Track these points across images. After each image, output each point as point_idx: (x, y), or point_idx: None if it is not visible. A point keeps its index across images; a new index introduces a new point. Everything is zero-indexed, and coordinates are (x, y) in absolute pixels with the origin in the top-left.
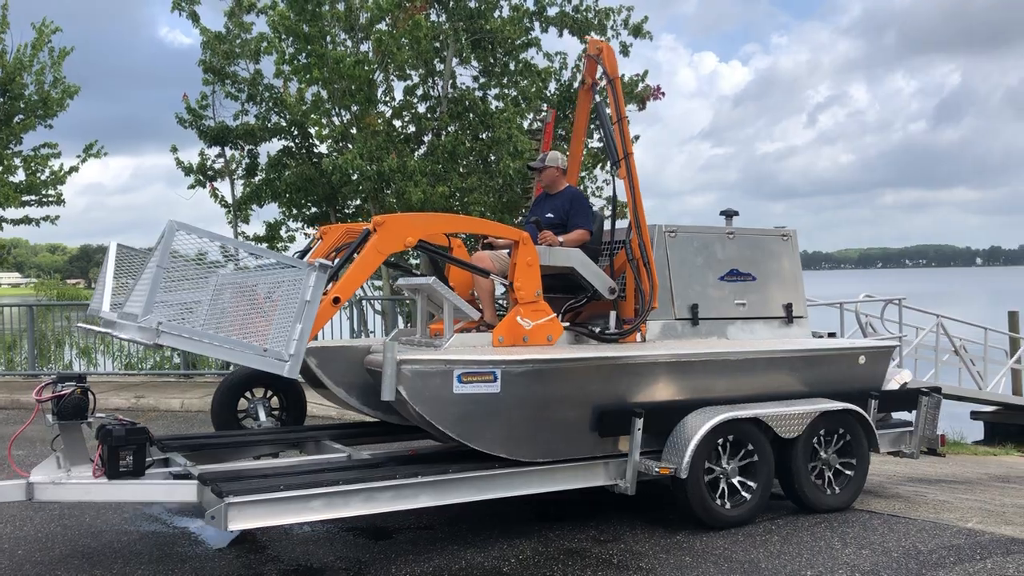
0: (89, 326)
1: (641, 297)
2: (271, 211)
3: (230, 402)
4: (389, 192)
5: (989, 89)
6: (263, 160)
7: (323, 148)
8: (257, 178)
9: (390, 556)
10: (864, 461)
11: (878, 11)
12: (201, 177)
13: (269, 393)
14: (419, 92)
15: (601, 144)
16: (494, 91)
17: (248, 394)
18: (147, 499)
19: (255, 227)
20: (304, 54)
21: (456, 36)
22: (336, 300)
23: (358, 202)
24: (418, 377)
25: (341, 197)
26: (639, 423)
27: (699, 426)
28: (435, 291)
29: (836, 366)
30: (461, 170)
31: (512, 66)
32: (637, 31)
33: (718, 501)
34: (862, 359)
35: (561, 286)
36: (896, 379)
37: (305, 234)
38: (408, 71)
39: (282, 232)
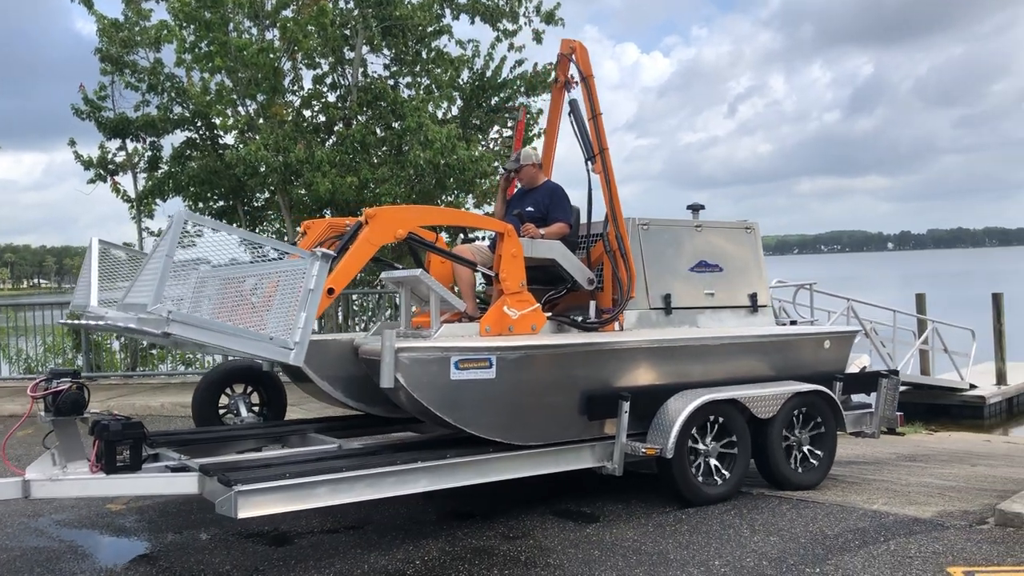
0: (76, 321)
1: (620, 287)
2: (176, 205)
3: (211, 398)
4: (297, 183)
5: (900, 79)
6: (166, 153)
7: (229, 139)
8: (160, 171)
9: (289, 563)
10: (832, 441)
11: (796, 4)
12: (102, 171)
13: (249, 389)
14: (328, 81)
15: (511, 133)
16: (406, 80)
17: (228, 390)
18: (146, 492)
19: (160, 222)
20: (206, 42)
21: (365, 23)
22: (331, 291)
23: (267, 195)
24: (416, 364)
25: (248, 190)
26: (626, 406)
27: (682, 408)
28: (422, 283)
29: (804, 351)
30: (373, 160)
31: (424, 54)
32: (549, 18)
33: (701, 479)
34: (827, 344)
35: (539, 278)
36: (856, 363)
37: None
38: (317, 59)
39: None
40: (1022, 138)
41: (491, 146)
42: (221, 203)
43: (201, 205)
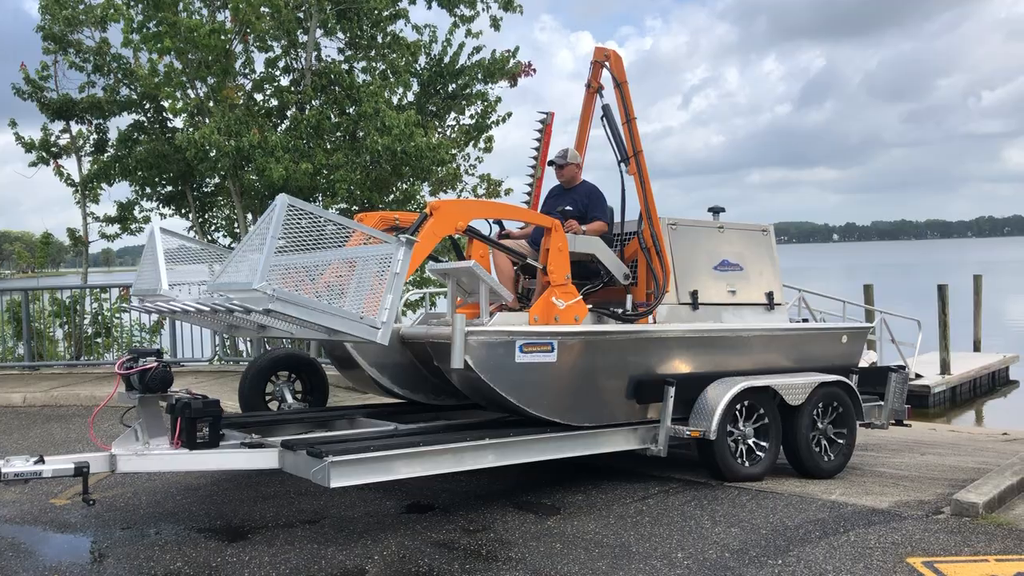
0: (146, 305)
1: (656, 282)
2: (123, 190)
3: (259, 385)
4: (249, 169)
5: (850, 73)
6: (113, 136)
7: (178, 123)
8: (106, 155)
9: (243, 559)
10: (853, 430)
11: None
12: (44, 154)
13: (292, 376)
14: (281, 64)
15: (473, 122)
16: (361, 64)
17: (273, 378)
18: (227, 467)
19: (105, 207)
20: (155, 22)
21: (320, 6)
22: None
23: (216, 180)
24: (483, 347)
25: (198, 175)
26: (672, 391)
27: (723, 394)
28: (474, 274)
29: (825, 344)
30: (327, 146)
31: (379, 39)
32: (508, 5)
33: (739, 460)
34: (844, 339)
35: (577, 272)
36: (865, 359)
37: (160, 214)
38: (269, 42)
39: (136, 212)
40: (966, 133)
41: (448, 133)
42: (170, 188)
43: (148, 190)
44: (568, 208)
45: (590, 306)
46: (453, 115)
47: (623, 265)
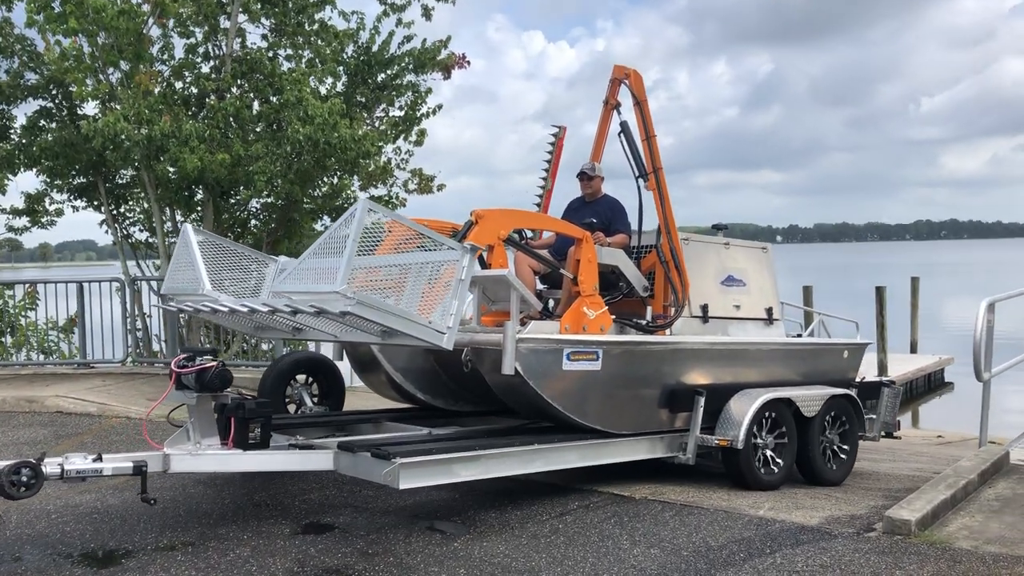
0: (189, 305)
1: (675, 295)
2: (32, 181)
3: (279, 388)
4: (163, 159)
5: (796, 78)
6: (19, 123)
7: (89, 109)
8: (10, 143)
9: None
10: (856, 441)
11: (701, 1)
12: None
13: (310, 379)
14: (201, 51)
15: (402, 113)
16: (286, 52)
17: (292, 380)
18: (281, 468)
19: (12, 198)
20: (59, 1)
21: None
22: None
23: (132, 171)
24: (532, 354)
25: (110, 165)
26: (701, 401)
27: (750, 404)
28: (507, 282)
29: (830, 359)
30: (248, 137)
31: (306, 26)
32: None
33: (761, 469)
34: (846, 354)
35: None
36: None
37: (72, 206)
38: (191, 27)
39: (46, 204)
40: (905, 138)
41: (377, 125)
42: (82, 179)
43: (59, 181)
44: (592, 220)
45: (613, 317)
46: (383, 106)
47: (643, 278)
